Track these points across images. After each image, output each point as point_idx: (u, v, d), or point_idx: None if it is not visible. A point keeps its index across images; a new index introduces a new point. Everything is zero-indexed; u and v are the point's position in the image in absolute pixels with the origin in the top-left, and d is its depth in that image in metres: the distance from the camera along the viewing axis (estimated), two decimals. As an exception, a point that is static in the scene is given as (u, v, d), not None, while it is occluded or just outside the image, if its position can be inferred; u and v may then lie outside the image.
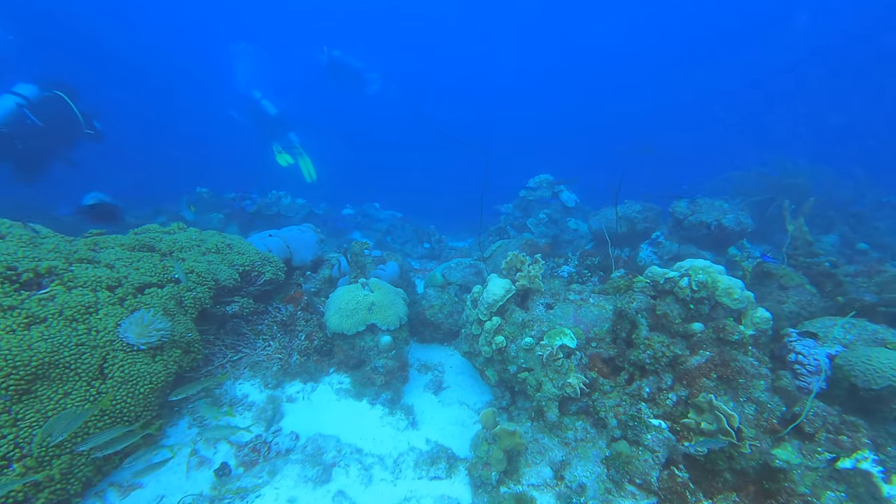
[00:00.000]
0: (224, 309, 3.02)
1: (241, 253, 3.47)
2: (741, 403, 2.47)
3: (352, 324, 3.31)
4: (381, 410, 3.01)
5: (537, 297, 3.48)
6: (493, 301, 3.31)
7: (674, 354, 2.71)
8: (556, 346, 2.88)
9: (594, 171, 12.54)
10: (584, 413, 2.80)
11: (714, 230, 6.04)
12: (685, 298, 2.97)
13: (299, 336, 3.46)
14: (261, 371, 3.04)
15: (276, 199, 10.45)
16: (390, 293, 3.60)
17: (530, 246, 5.95)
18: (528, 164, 10.37)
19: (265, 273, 3.50)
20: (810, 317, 3.29)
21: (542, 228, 9.23)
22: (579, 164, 13.58)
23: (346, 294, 3.48)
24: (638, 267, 6.55)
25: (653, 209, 7.28)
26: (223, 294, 3.14)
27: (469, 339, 3.57)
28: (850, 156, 10.33)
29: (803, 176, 8.41)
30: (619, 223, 7.00)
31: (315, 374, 3.20)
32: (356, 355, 3.35)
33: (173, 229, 3.50)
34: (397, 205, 15.68)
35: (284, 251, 4.19)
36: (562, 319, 3.24)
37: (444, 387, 3.51)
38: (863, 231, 7.23)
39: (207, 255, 3.28)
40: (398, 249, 9.22)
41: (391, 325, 3.41)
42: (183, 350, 2.54)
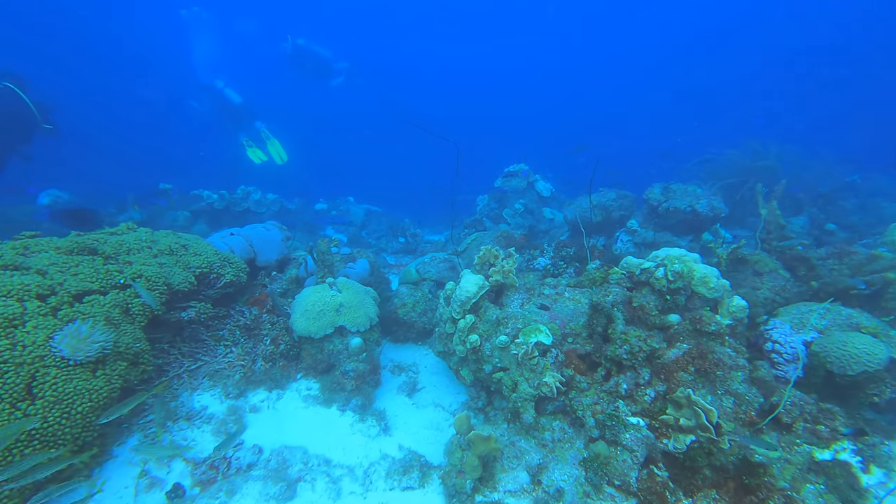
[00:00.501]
0: (179, 315, 2.80)
1: (198, 254, 3.23)
2: (719, 396, 2.41)
3: (319, 326, 3.13)
4: (352, 417, 2.86)
5: (512, 293, 3.37)
6: (466, 298, 3.18)
7: (651, 348, 2.63)
8: (531, 343, 2.77)
9: (570, 160, 12.54)
10: (562, 412, 2.71)
11: (688, 216, 6.05)
12: (661, 289, 2.90)
13: (264, 341, 3.26)
14: (221, 380, 2.83)
15: (244, 194, 10.06)
16: (360, 293, 3.43)
17: (506, 238, 5.85)
18: (504, 154, 10.23)
19: (225, 275, 3.27)
20: (785, 303, 3.28)
21: (518, 219, 9.15)
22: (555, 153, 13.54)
23: (312, 295, 3.29)
24: (614, 256, 6.53)
25: (627, 196, 7.26)
26: (178, 299, 2.91)
27: (443, 338, 3.44)
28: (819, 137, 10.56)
29: (772, 158, 8.54)
30: (594, 211, 6.96)
31: (281, 380, 3.02)
32: (325, 359, 3.18)
33: (121, 230, 3.23)
34: (373, 198, 15.38)
35: (247, 251, 3.95)
36: (537, 315, 3.13)
37: (418, 388, 3.37)
38: (830, 211, 7.39)
39: (160, 256, 3.03)
40: (373, 244, 9.01)
41: (361, 327, 3.24)
42: (130, 362, 2.32)
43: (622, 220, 6.99)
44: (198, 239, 3.48)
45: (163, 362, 2.71)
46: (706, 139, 9.94)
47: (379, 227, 11.47)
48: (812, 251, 3.79)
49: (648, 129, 23.20)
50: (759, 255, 3.71)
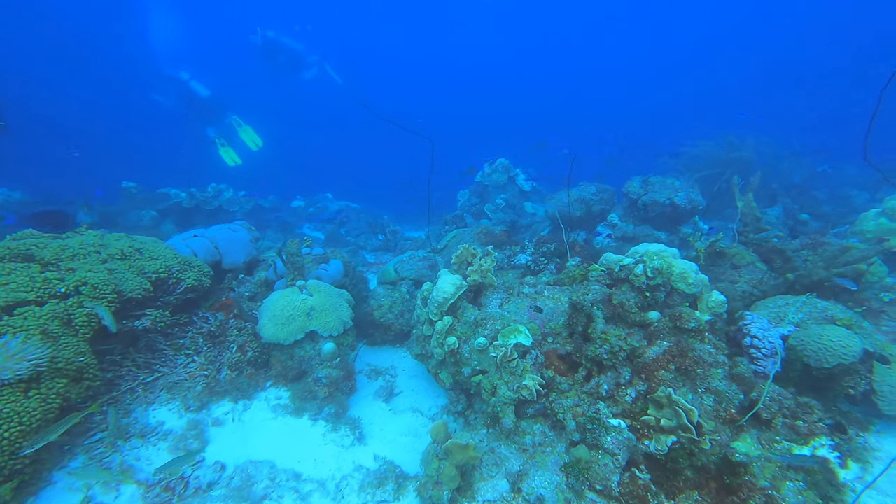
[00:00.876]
0: (132, 324, 2.60)
1: (154, 258, 3.02)
2: (700, 395, 2.36)
3: (288, 332, 2.97)
4: (324, 426, 2.72)
5: (490, 293, 3.27)
6: (444, 299, 3.06)
7: (631, 347, 2.57)
8: (510, 345, 2.68)
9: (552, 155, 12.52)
10: (542, 415, 2.63)
11: (667, 209, 6.06)
12: (641, 286, 2.84)
13: (230, 348, 3.08)
14: (181, 392, 2.65)
15: (216, 192, 9.72)
16: (332, 295, 3.28)
17: (486, 234, 5.75)
18: (486, 150, 10.13)
19: (185, 280, 3.08)
20: (763, 296, 3.26)
21: (499, 214, 9.08)
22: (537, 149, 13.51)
23: (280, 299, 3.12)
24: (595, 251, 6.50)
25: (607, 190, 7.25)
26: (131, 307, 2.71)
27: (420, 340, 3.32)
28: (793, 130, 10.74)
29: (748, 149, 8.65)
30: (575, 206, 6.92)
31: (248, 390, 2.85)
32: (296, 366, 3.02)
33: (66, 233, 3.00)
34: (353, 195, 15.11)
35: (212, 253, 3.75)
36: (516, 315, 3.04)
37: (395, 393, 3.25)
38: (803, 201, 7.52)
39: (110, 262, 2.82)
40: (352, 242, 8.81)
41: (334, 331, 3.10)
42: (71, 379, 2.13)
43: (603, 214, 6.97)
44: (156, 242, 3.26)
45: (113, 376, 2.51)
46: (687, 132, 10.01)
47: (358, 224, 11.25)
48: (787, 243, 3.80)
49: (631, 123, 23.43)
50: (736, 249, 3.70)
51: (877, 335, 2.87)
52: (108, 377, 2.44)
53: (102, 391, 2.40)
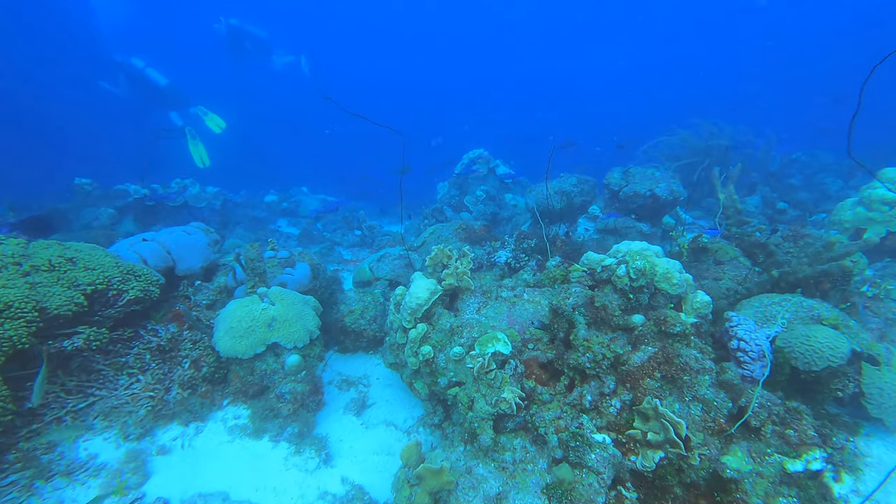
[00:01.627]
0: (60, 345, 2.30)
1: (90, 268, 2.71)
2: (687, 404, 2.22)
3: (247, 345, 2.72)
4: (287, 448, 2.49)
5: (467, 297, 3.07)
6: (417, 306, 2.85)
7: (615, 354, 2.41)
8: (487, 355, 2.49)
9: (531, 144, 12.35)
10: (523, 429, 2.45)
11: (648, 200, 5.95)
12: (624, 288, 2.68)
13: (182, 364, 2.81)
14: (121, 418, 2.38)
15: (181, 188, 9.22)
16: (296, 303, 3.02)
17: (465, 230, 5.54)
18: (466, 141, 9.89)
19: (128, 291, 2.77)
20: (748, 294, 3.15)
21: (479, 207, 8.87)
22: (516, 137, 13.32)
23: (238, 310, 2.85)
24: (576, 245, 6.37)
25: (588, 181, 7.11)
26: (58, 325, 2.40)
27: (394, 348, 3.11)
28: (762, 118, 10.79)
29: (726, 137, 8.64)
30: (556, 198, 6.76)
31: (201, 410, 2.59)
32: (256, 381, 2.77)
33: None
34: (329, 188, 14.66)
35: (164, 258, 3.43)
36: (494, 321, 2.85)
37: (367, 405, 3.04)
38: (780, 189, 7.55)
39: (33, 274, 2.50)
40: (328, 238, 8.48)
41: (299, 342, 2.85)
42: (-22, 418, 1.84)
43: (584, 206, 6.84)
44: (93, 249, 2.94)
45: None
46: (668, 120, 9.95)
47: (335, 218, 10.89)
48: (770, 236, 3.71)
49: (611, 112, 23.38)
50: (719, 244, 3.59)
51: (863, 334, 2.78)
52: (27, 406, 2.15)
53: (21, 424, 2.10)
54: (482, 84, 30.96)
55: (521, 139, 11.44)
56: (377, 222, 11.54)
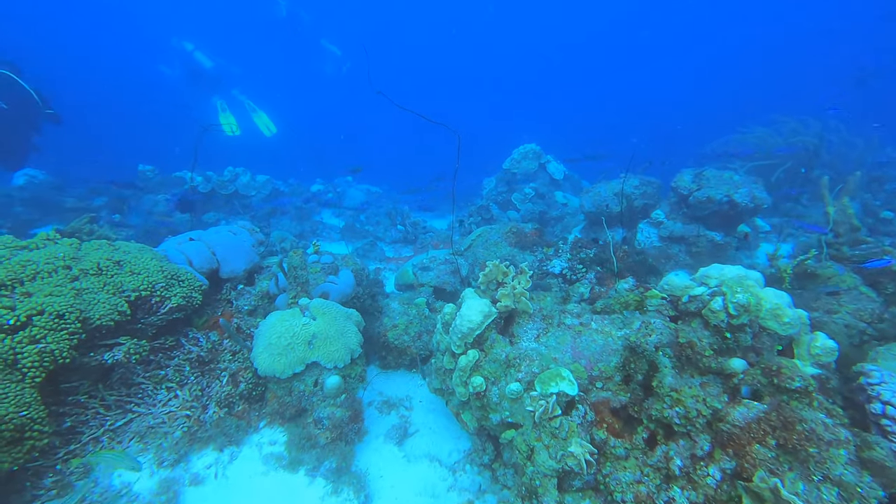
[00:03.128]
0: (101, 358, 2.20)
1: (136, 272, 2.60)
2: (815, 485, 1.78)
3: (286, 364, 2.53)
4: (323, 487, 2.27)
5: (524, 321, 2.73)
6: (469, 330, 2.55)
7: (713, 410, 2.00)
8: (551, 398, 2.16)
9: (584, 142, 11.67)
10: (593, 489, 2.11)
11: (724, 207, 5.32)
12: (719, 324, 2.25)
13: (221, 378, 2.67)
14: (156, 440, 2.25)
15: (233, 176, 9.39)
16: (339, 318, 2.81)
17: (515, 234, 5.17)
18: (516, 135, 9.43)
19: (171, 298, 2.66)
20: (879, 336, 2.59)
21: (528, 204, 8.43)
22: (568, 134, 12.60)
23: (278, 324, 2.67)
24: (640, 256, 5.86)
25: (652, 184, 6.52)
26: (101, 335, 2.30)
27: (440, 373, 2.84)
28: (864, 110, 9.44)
29: (813, 135, 7.66)
30: (614, 200, 6.24)
31: (236, 434, 2.44)
32: (294, 402, 2.59)
33: (36, 242, 2.60)
34: (374, 178, 14.59)
35: (209, 260, 3.33)
36: (557, 352, 2.50)
37: (410, 433, 2.79)
38: (883, 196, 6.59)
39: (82, 279, 2.41)
40: (370, 233, 8.33)
41: (339, 363, 2.64)
42: (6, 442, 1.73)
43: (646, 210, 6.28)
44: (140, 251, 2.84)
45: (75, 422, 2.12)
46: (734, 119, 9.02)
47: (378, 210, 10.78)
48: None
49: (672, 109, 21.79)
50: (830, 268, 3.03)
51: None
52: (67, 425, 2.06)
53: (60, 445, 2.01)
54: (537, 77, 29.90)
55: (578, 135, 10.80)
56: (421, 217, 11.34)
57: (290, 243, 6.28)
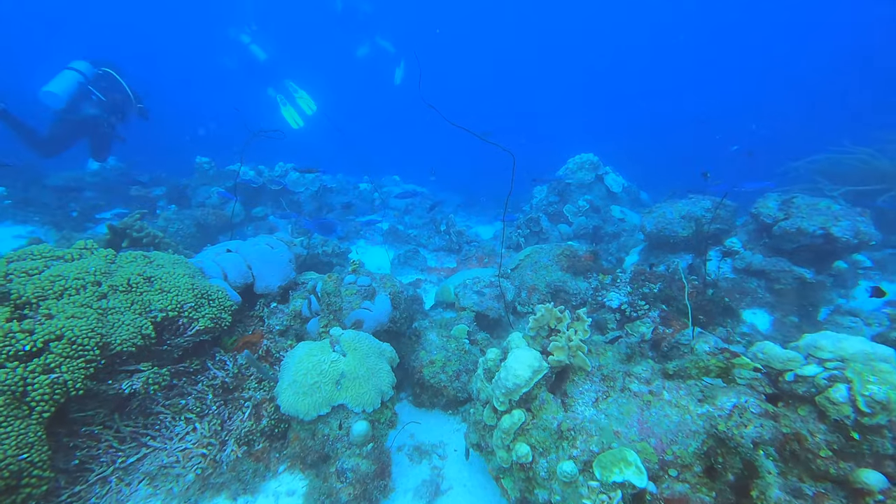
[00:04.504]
0: (119, 387, 2.05)
1: (165, 290, 2.46)
2: None
3: (310, 405, 2.30)
4: (340, 554, 2.02)
5: (581, 379, 2.35)
6: (515, 386, 2.21)
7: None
8: (615, 490, 1.77)
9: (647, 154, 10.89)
10: None
11: (818, 240, 4.61)
12: (842, 420, 1.77)
13: (244, 409, 2.49)
14: (167, 483, 2.08)
15: (283, 172, 9.50)
16: (370, 356, 2.55)
17: (568, 258, 4.73)
18: (569, 140, 8.88)
19: (198, 320, 2.50)
20: None
21: (581, 219, 7.90)
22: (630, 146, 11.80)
23: (305, 359, 2.44)
24: (707, 282, 5.23)
25: (727, 206, 5.83)
26: (122, 361, 2.16)
27: (479, 427, 2.51)
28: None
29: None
30: (681, 223, 5.63)
31: (253, 480, 2.24)
32: (317, 447, 2.36)
33: (72, 252, 2.52)
34: (419, 177, 14.43)
35: (244, 274, 3.18)
36: (620, 425, 2.10)
37: (442, 490, 2.49)
38: None
39: (111, 296, 2.29)
40: (413, 237, 8.11)
41: (368, 406, 2.38)
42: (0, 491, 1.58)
43: (717, 237, 5.62)
44: (175, 264, 2.71)
45: (85, 456, 1.98)
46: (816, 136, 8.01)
47: (421, 212, 10.58)
48: None
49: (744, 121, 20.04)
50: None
51: None
52: (75, 463, 1.92)
53: (64, 486, 1.88)
54: (601, 81, 28.58)
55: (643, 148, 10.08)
56: (465, 222, 11.02)
57: (333, 246, 6.15)
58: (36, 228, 7.45)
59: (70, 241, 4.61)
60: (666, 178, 8.76)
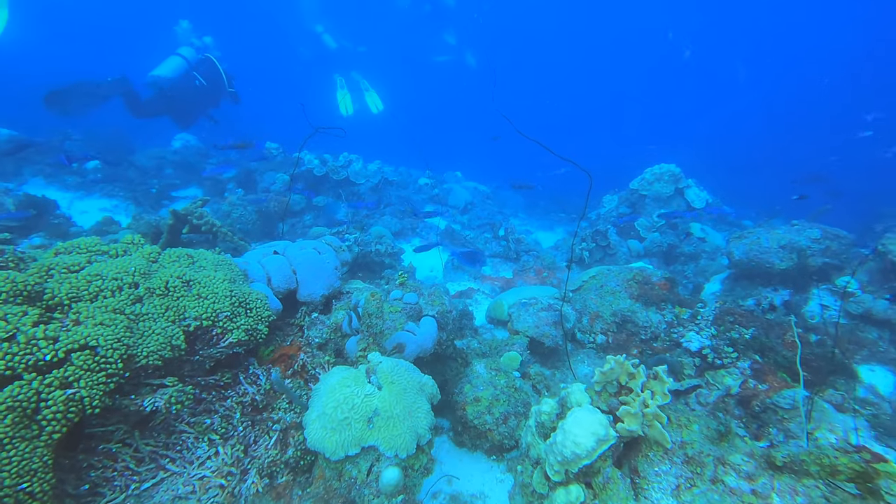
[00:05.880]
0: (141, 403, 1.93)
1: (203, 296, 2.34)
2: None
3: (338, 444, 2.07)
4: None
5: (657, 457, 1.91)
6: (574, 457, 1.83)
7: None
8: None
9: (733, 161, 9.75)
10: None
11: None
12: None
13: (270, 433, 2.31)
14: (181, 516, 1.94)
15: (346, 162, 9.51)
16: (408, 391, 2.27)
17: (640, 284, 4.18)
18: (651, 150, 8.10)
19: (232, 331, 2.35)
20: None
21: (654, 234, 7.17)
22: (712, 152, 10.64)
23: (338, 388, 2.21)
24: (808, 324, 4.49)
25: (840, 238, 4.96)
26: (148, 374, 2.04)
27: (526, 491, 2.15)
28: None
29: None
30: (779, 253, 4.85)
31: (271, 520, 2.05)
32: (343, 490, 2.12)
33: (117, 248, 2.46)
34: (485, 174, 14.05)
35: (288, 279, 3.03)
36: (710, 533, 1.66)
37: (476, 558, 2.17)
38: None
39: (147, 299, 2.19)
40: (470, 239, 7.78)
41: (402, 451, 2.10)
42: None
43: (826, 272, 4.79)
44: (217, 266, 2.59)
45: (98, 477, 1.87)
46: None
47: (483, 212, 10.22)
48: None
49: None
50: None
51: None
52: (86, 488, 1.82)
53: (75, 510, 1.77)
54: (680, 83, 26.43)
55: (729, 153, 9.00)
56: (524, 225, 10.52)
57: (387, 246, 5.95)
58: (119, 203, 8.00)
59: (139, 221, 4.78)
60: (754, 189, 7.72)
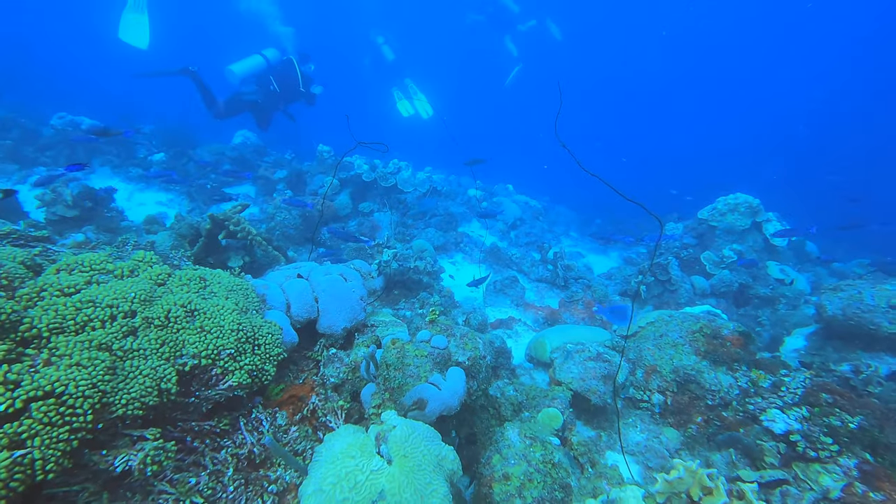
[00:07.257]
0: (112, 462, 1.68)
1: (206, 329, 2.08)
2: None
3: (333, 529, 1.72)
4: None
5: None
6: None
7: None
8: None
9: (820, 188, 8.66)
10: None
11: None
12: None
13: (266, 494, 2.01)
14: None
15: (395, 169, 9.34)
16: (424, 468, 1.88)
17: (707, 338, 3.57)
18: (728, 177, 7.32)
19: (233, 373, 2.08)
20: None
21: (724, 272, 6.37)
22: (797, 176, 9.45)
23: (340, 458, 1.87)
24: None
25: (973, 302, 4.07)
26: (124, 425, 1.79)
27: None
28: None
29: None
30: (891, 315, 4.04)
31: None
32: (334, 582, 1.77)
33: (124, 268, 2.26)
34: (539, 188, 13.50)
35: (309, 308, 2.75)
36: None
37: None
38: None
39: (141, 332, 1.96)
40: (515, 260, 7.28)
41: (407, 548, 1.72)
42: None
43: (951, 345, 3.93)
44: (231, 292, 2.34)
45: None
46: None
47: (533, 229, 9.68)
48: None
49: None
50: None
51: None
52: None
53: None
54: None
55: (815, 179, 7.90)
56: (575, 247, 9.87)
57: (427, 263, 5.61)
58: (174, 196, 8.25)
59: (180, 222, 4.74)
60: (851, 232, 6.79)
